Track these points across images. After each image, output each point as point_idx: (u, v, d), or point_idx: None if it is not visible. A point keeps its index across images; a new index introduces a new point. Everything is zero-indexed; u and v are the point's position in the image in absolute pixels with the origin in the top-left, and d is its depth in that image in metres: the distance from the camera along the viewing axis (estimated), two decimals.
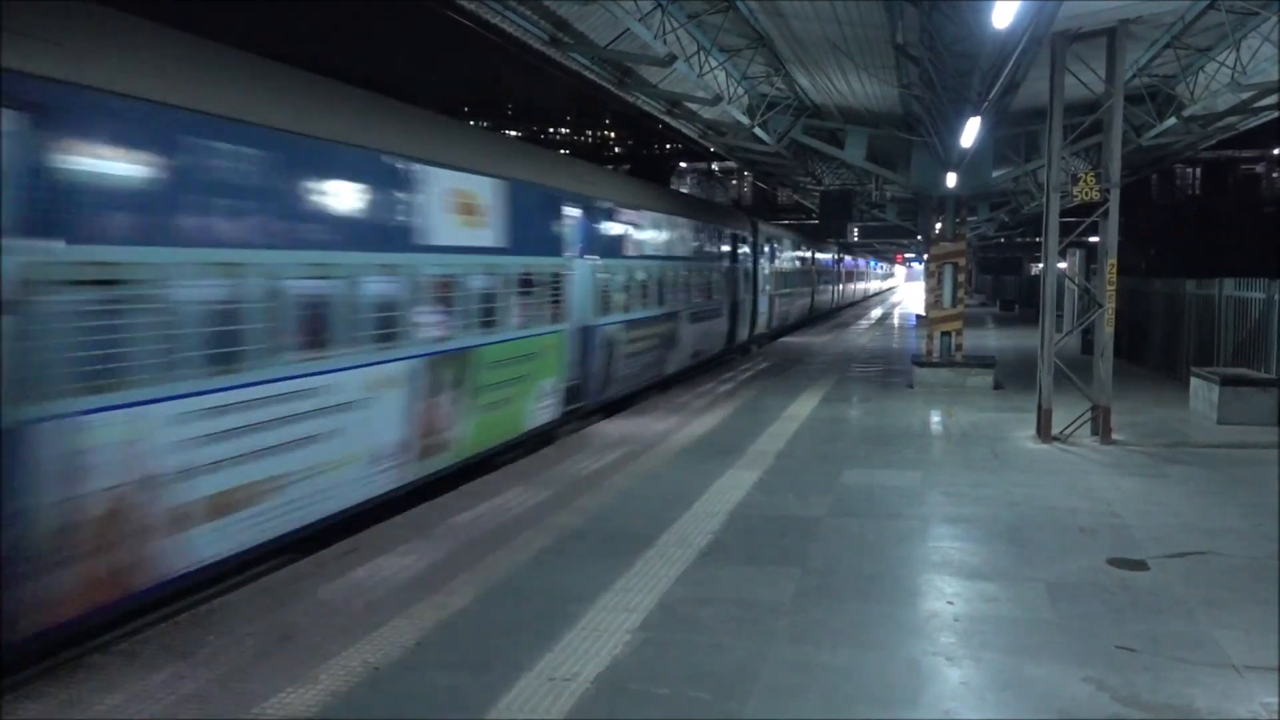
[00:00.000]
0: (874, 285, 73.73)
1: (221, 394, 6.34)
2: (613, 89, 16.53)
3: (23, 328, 4.98)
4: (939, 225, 18.14)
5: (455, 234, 9.54)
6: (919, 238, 42.74)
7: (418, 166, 8.82)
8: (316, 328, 7.35)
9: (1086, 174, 11.52)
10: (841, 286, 45.73)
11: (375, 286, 8.10)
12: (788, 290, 30.99)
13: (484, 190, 10.17)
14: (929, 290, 18.22)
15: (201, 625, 5.59)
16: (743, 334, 23.87)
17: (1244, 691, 4.74)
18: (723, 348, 21.98)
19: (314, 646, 5.27)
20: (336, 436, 7.58)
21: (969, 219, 25.78)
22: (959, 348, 17.29)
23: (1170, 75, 16.56)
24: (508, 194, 10.63)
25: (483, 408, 10.11)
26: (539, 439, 11.68)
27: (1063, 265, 17.63)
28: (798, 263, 33.55)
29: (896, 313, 47.01)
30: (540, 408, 11.65)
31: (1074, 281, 18.62)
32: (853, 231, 53.44)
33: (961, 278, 17.56)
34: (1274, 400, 12.42)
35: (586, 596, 6.04)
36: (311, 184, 7.41)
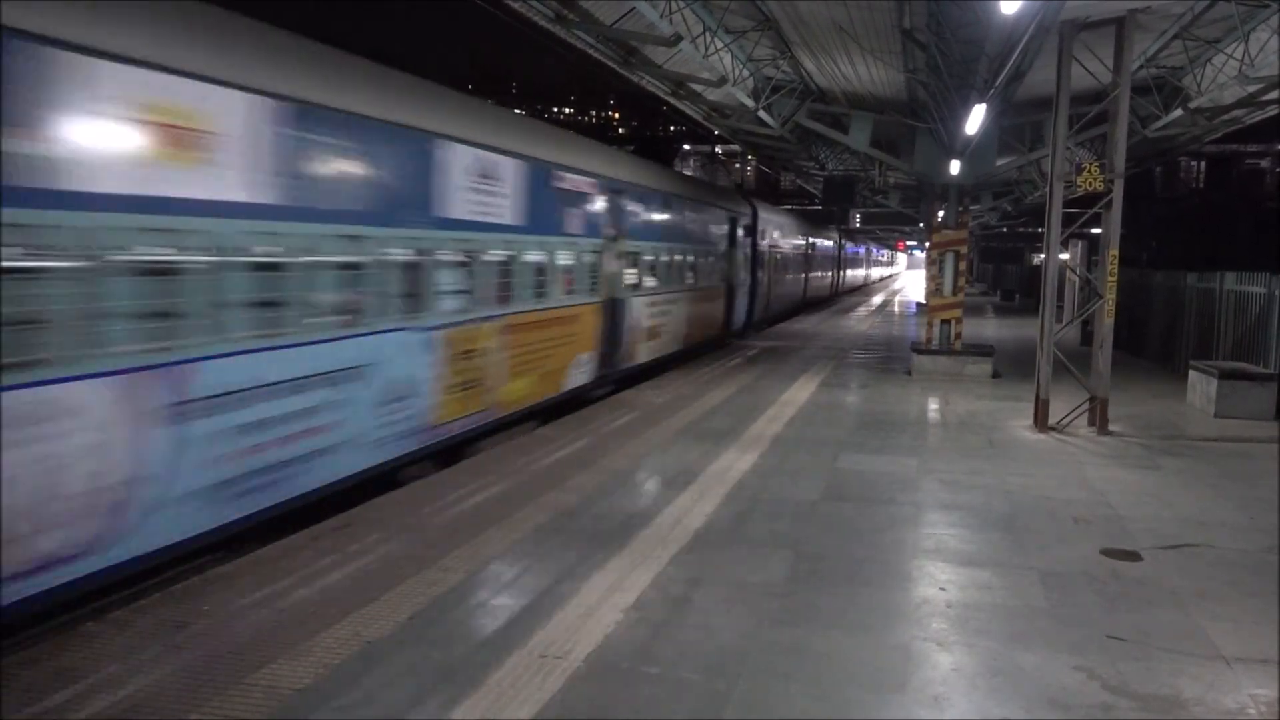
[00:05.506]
0: (872, 273, 72.66)
1: None
2: (618, 68, 16.43)
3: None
4: (941, 213, 18.06)
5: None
6: (921, 225, 42.65)
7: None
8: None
9: (1091, 164, 11.46)
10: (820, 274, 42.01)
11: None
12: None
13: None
14: (929, 278, 18.19)
15: (196, 596, 5.61)
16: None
17: (1232, 682, 4.76)
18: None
19: (307, 619, 5.28)
20: None
21: (971, 207, 25.69)
22: (958, 336, 17.28)
23: (1178, 67, 16.45)
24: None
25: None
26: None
27: (1064, 256, 17.61)
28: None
29: (896, 300, 46.95)
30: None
31: (1075, 272, 18.59)
32: (854, 217, 53.41)
33: (962, 266, 17.53)
34: (1271, 395, 12.41)
35: (580, 575, 6.06)
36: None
